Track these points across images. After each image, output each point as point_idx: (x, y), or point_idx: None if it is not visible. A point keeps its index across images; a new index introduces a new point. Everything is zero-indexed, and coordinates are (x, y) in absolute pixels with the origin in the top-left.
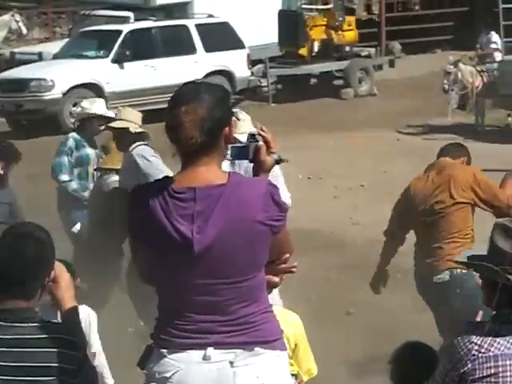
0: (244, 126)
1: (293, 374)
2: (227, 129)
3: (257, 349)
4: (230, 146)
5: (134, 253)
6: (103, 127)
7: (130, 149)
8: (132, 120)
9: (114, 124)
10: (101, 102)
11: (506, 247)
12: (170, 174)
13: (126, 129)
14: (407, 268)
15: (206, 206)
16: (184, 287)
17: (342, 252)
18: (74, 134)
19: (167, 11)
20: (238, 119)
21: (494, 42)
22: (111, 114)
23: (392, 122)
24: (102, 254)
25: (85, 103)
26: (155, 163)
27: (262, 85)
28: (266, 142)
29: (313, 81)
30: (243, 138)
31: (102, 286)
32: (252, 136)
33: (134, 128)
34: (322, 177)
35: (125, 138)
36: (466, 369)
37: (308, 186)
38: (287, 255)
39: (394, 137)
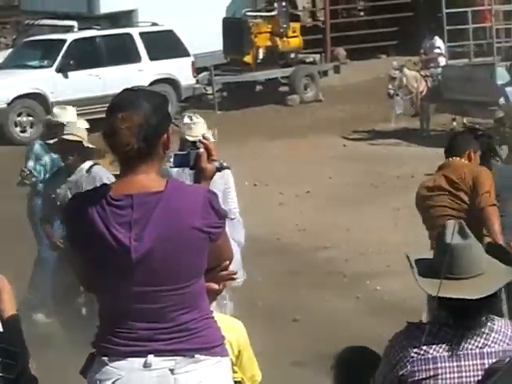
0: (198, 128)
1: (237, 381)
2: (165, 136)
3: (197, 355)
4: (171, 153)
5: (73, 261)
6: (56, 140)
7: (85, 167)
8: (82, 135)
9: (68, 137)
10: (71, 110)
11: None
12: None
13: (80, 142)
14: (352, 273)
15: (144, 213)
16: (123, 295)
17: (289, 258)
18: (39, 140)
19: (111, 20)
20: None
21: (438, 47)
22: (83, 123)
23: (338, 127)
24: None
25: (56, 110)
26: None
27: (208, 92)
28: (207, 149)
29: (258, 88)
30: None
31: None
32: (193, 143)
33: (87, 143)
34: (268, 184)
35: (78, 152)
36: (404, 371)
37: (254, 193)
38: (227, 262)
39: (340, 143)
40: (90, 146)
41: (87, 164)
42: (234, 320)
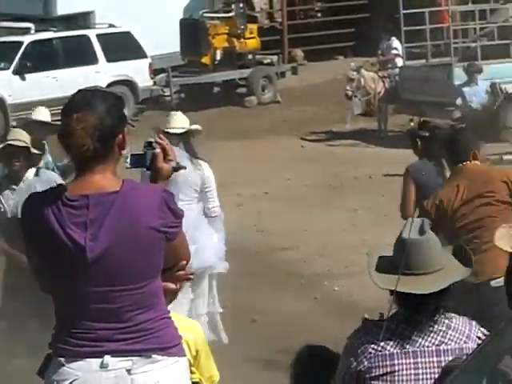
0: (178, 120)
1: (194, 382)
2: (121, 136)
3: (154, 356)
4: (128, 153)
5: (30, 261)
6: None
7: (32, 173)
8: (25, 140)
9: (14, 142)
10: (44, 109)
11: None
12: None
13: (27, 148)
14: (310, 274)
15: (100, 213)
16: (80, 295)
17: (247, 259)
18: None
19: (69, 22)
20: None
21: (395, 48)
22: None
23: (296, 129)
24: None
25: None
26: None
27: (165, 94)
28: (163, 149)
29: (216, 89)
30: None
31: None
32: (149, 143)
33: (33, 149)
34: (225, 185)
35: (24, 158)
36: (362, 366)
37: None
38: (184, 262)
39: (298, 144)
40: (36, 151)
41: (32, 170)
42: (191, 320)
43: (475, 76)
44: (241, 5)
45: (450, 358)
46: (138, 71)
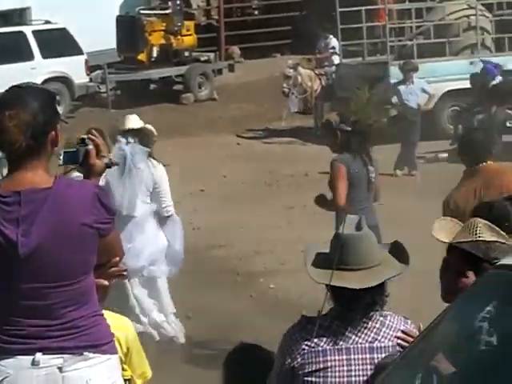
0: (134, 120)
1: (126, 379)
2: (53, 133)
3: (86, 353)
4: (61, 150)
5: None
6: None
7: None
8: None
9: None
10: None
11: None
12: None
13: None
14: (246, 271)
15: (32, 209)
16: (12, 291)
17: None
18: None
19: (4, 18)
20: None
21: (332, 46)
22: None
23: (232, 126)
24: None
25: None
26: None
27: (101, 91)
28: (96, 145)
29: (152, 86)
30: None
31: None
32: (82, 140)
33: None
34: None
35: None
36: (295, 363)
37: None
38: (117, 258)
39: (234, 141)
40: None
41: None
42: (122, 317)
43: (411, 74)
44: (178, 2)
45: (383, 355)
46: (73, 68)
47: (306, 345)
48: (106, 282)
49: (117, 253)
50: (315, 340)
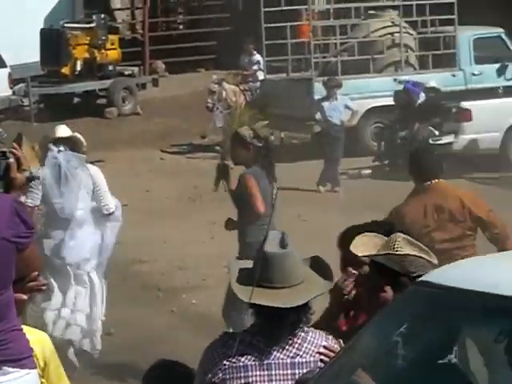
0: (64, 129)
1: None
2: None
3: (5, 367)
4: None
5: None
6: None
7: None
8: None
9: None
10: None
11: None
12: None
13: None
14: (169, 287)
15: None
16: None
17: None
18: None
19: None
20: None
21: (257, 62)
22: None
23: (156, 141)
24: None
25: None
26: None
27: (24, 104)
28: (17, 159)
29: (76, 100)
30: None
31: None
32: (3, 153)
33: None
34: None
35: None
36: (216, 378)
37: None
38: (36, 273)
39: (158, 156)
40: None
41: None
42: (39, 332)
43: (334, 91)
44: (102, 16)
45: (305, 371)
46: None
47: (228, 360)
48: (24, 297)
49: (35, 267)
50: (237, 356)
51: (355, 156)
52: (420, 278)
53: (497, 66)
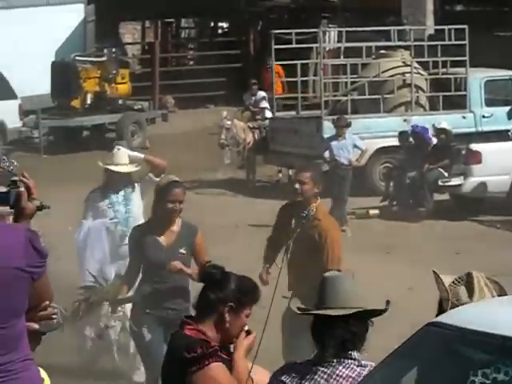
0: (121, 156)
1: None
2: None
3: None
4: None
5: None
6: None
7: None
8: None
9: None
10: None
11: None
12: None
13: None
14: None
15: None
16: None
17: None
18: None
19: None
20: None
21: (263, 98)
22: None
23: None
24: None
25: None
26: None
27: (34, 136)
28: (27, 188)
29: (85, 133)
30: (124, 169)
31: None
32: (13, 182)
33: None
34: None
35: None
36: None
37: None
38: (47, 302)
39: None
40: None
41: None
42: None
43: (344, 130)
44: (113, 50)
45: None
46: (7, 112)
47: None
48: (36, 326)
49: (47, 296)
50: None
51: (363, 196)
52: (432, 319)
53: (507, 108)
